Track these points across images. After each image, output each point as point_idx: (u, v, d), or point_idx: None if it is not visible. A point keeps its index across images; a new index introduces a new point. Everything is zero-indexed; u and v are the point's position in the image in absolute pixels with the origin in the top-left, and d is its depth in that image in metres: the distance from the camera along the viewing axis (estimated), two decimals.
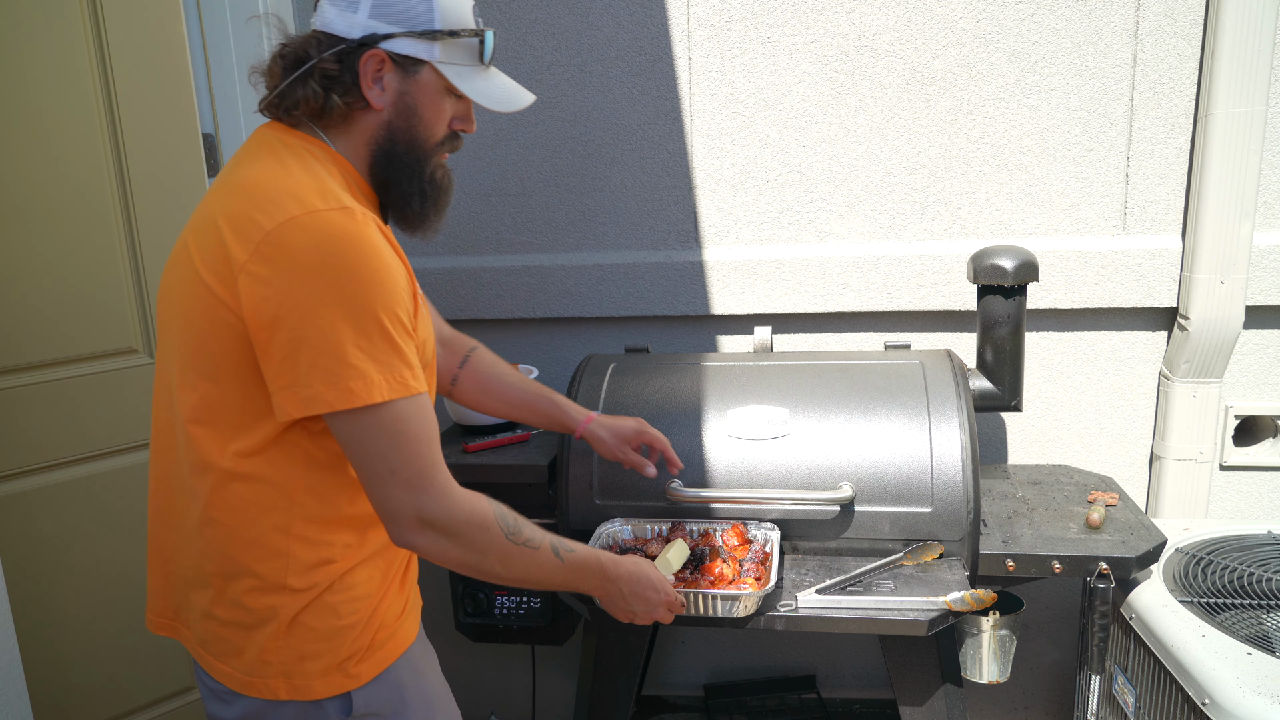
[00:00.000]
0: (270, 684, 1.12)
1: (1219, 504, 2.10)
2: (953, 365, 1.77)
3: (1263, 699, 1.30)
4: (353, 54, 1.11)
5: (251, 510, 1.10)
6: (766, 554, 1.58)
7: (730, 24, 2.07)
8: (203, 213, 1.10)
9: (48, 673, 1.89)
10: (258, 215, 1.02)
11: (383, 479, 1.05)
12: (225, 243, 1.03)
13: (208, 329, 1.05)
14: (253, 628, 1.12)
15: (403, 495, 1.06)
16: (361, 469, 1.06)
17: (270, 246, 1.00)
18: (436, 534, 1.08)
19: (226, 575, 1.12)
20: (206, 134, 2.07)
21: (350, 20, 1.12)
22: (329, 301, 1.00)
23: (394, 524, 1.08)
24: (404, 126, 1.16)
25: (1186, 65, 1.94)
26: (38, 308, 1.82)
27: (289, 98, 1.12)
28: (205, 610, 1.15)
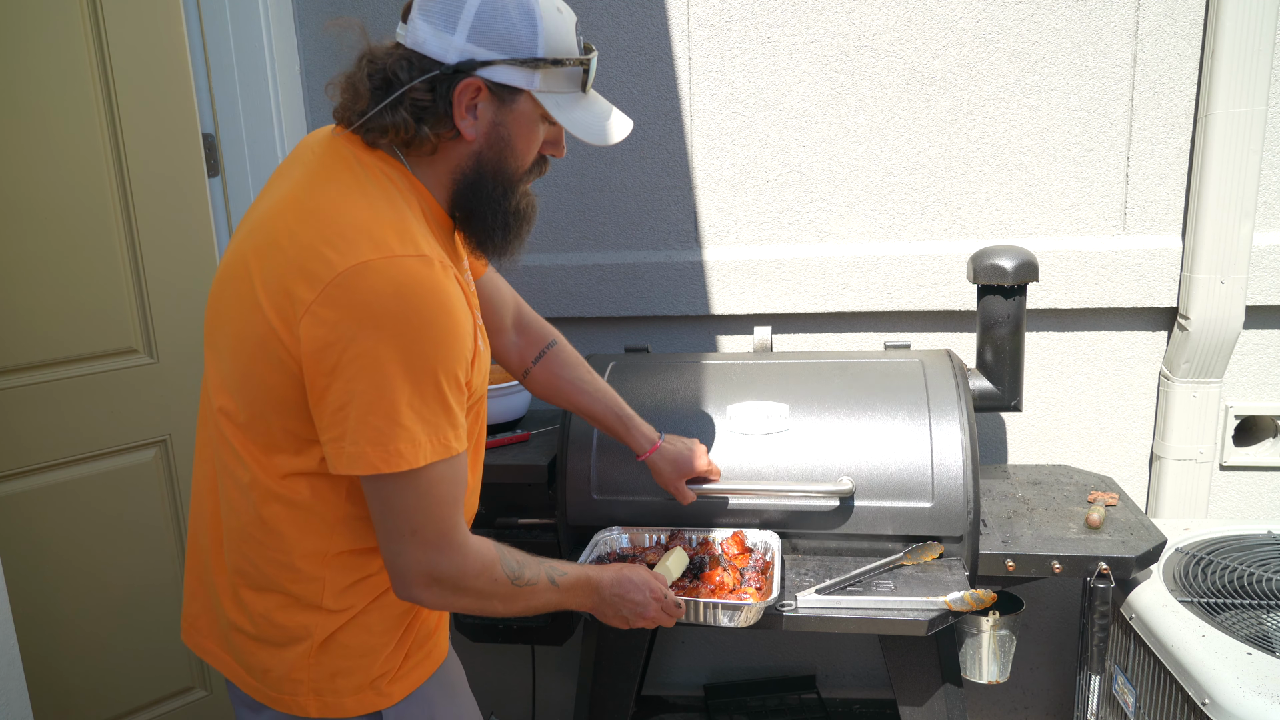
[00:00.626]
0: (300, 701, 1.10)
1: (1219, 504, 2.10)
2: (953, 365, 1.77)
3: (1263, 699, 1.30)
4: (447, 81, 1.03)
5: (290, 533, 1.07)
6: (768, 563, 1.57)
7: (730, 24, 2.07)
8: (268, 228, 1.02)
9: (48, 673, 1.89)
10: (330, 252, 0.95)
11: (402, 536, 1.02)
12: (291, 276, 0.96)
13: (260, 358, 1.00)
14: (283, 645, 1.09)
15: (418, 553, 1.02)
16: (383, 522, 1.02)
17: (339, 290, 0.94)
18: (443, 589, 1.06)
19: (258, 588, 1.09)
20: (206, 134, 2.08)
21: (446, 43, 1.02)
22: (391, 358, 0.94)
23: (401, 579, 1.05)
24: (494, 158, 1.08)
25: (1186, 65, 1.94)
26: (38, 308, 1.82)
27: (375, 124, 1.03)
28: (233, 622, 1.12)
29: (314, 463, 1.04)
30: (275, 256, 0.99)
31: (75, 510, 1.92)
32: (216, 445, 1.10)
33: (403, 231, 0.98)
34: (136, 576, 2.02)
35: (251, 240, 1.04)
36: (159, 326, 1.99)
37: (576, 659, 2.21)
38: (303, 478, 1.05)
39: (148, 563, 2.04)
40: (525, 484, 1.86)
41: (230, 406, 1.06)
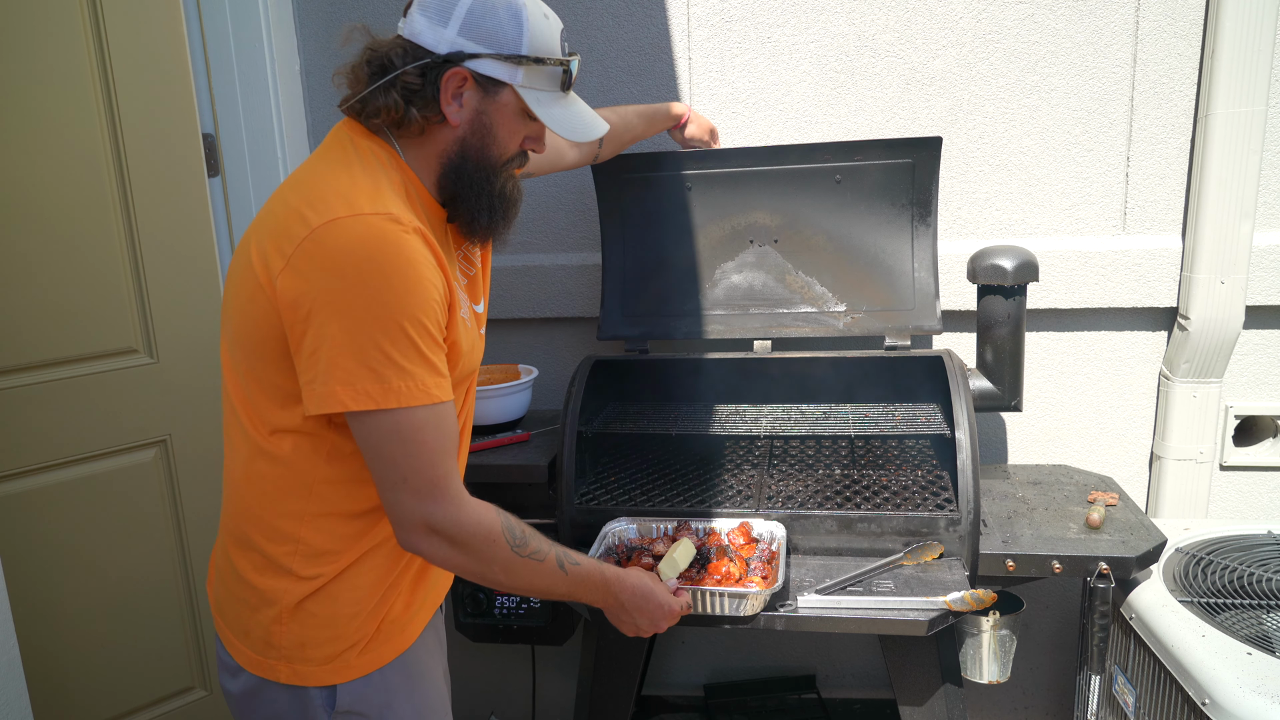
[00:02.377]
0: (273, 665, 1.16)
1: (1219, 504, 2.10)
2: (953, 365, 1.77)
3: (1263, 699, 1.30)
4: (436, 69, 1.12)
5: (270, 491, 1.14)
6: (773, 553, 1.58)
7: (730, 24, 2.07)
8: (269, 205, 1.14)
9: (48, 673, 1.89)
10: (307, 212, 1.05)
11: (395, 484, 1.07)
12: (275, 236, 1.06)
13: (251, 312, 1.09)
14: (257, 608, 1.16)
15: (412, 502, 1.07)
16: (376, 471, 1.08)
17: (312, 244, 1.03)
18: (442, 541, 1.10)
19: (240, 545, 1.18)
20: (206, 134, 2.08)
21: (439, 35, 1.12)
22: (358, 304, 1.01)
23: (401, 528, 1.09)
24: (477, 145, 1.17)
25: (1186, 65, 1.94)
26: (38, 307, 1.82)
27: (370, 105, 1.13)
28: (222, 578, 1.22)
29: (297, 419, 1.10)
30: (266, 222, 1.10)
31: (75, 510, 1.92)
32: (227, 405, 1.19)
33: (375, 197, 1.07)
34: (136, 576, 2.02)
35: (257, 218, 1.16)
36: (159, 326, 1.99)
37: (576, 659, 2.21)
38: (287, 435, 1.12)
39: (148, 562, 2.04)
40: (525, 484, 1.86)
41: (230, 362, 1.15)
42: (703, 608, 1.46)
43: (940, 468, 1.88)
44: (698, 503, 1.76)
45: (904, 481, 1.82)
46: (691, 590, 1.44)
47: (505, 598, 1.90)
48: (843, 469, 1.91)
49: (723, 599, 1.45)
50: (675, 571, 1.48)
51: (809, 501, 1.74)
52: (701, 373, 2.02)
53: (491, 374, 2.13)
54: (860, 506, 1.70)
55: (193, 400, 2.06)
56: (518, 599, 1.89)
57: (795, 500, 1.75)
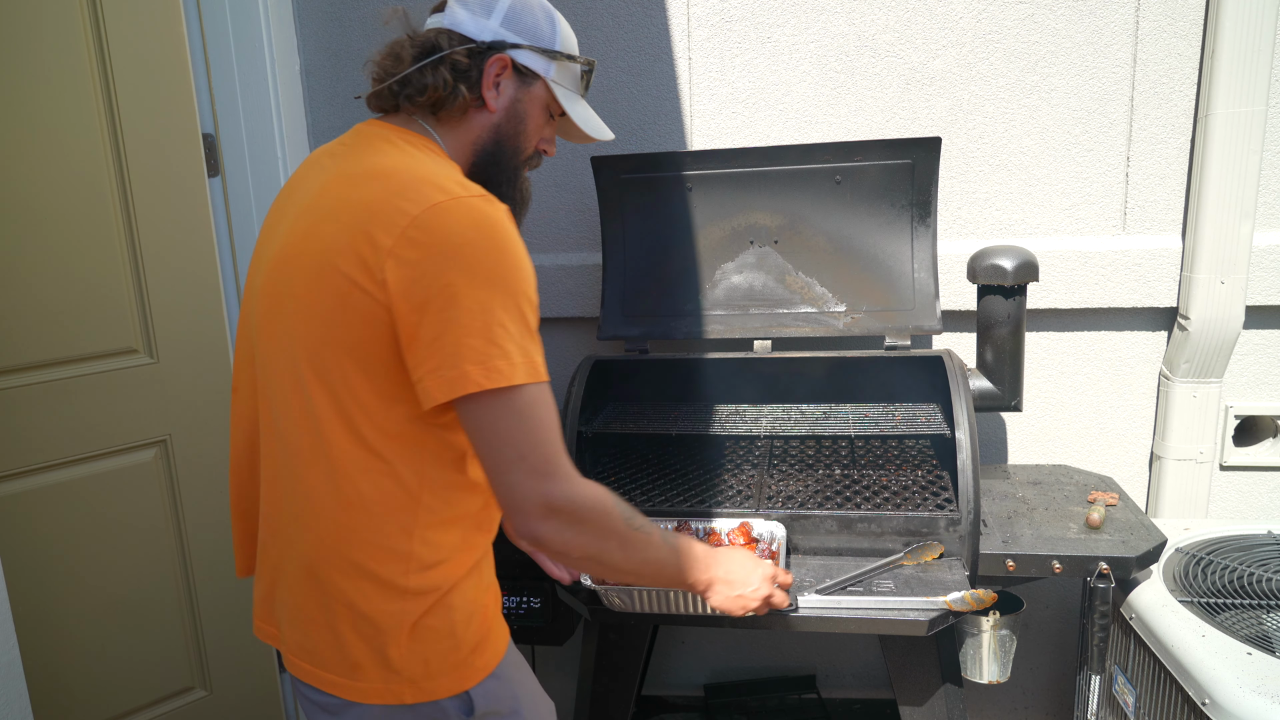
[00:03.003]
0: (397, 690, 1.09)
1: (1219, 504, 2.10)
2: (953, 365, 1.77)
3: (1263, 699, 1.30)
4: (482, 53, 1.17)
5: (376, 509, 1.07)
6: (774, 553, 1.59)
7: (730, 24, 2.07)
8: (319, 209, 1.08)
9: (48, 673, 1.89)
10: (400, 202, 1.02)
11: (512, 465, 1.02)
12: (365, 231, 1.01)
13: (342, 318, 1.03)
14: (372, 638, 1.08)
15: (530, 482, 1.03)
16: (490, 455, 1.03)
17: (418, 230, 1.00)
18: (561, 522, 1.05)
19: (343, 574, 1.08)
20: (206, 134, 2.07)
21: (482, 25, 1.18)
22: (478, 283, 0.99)
23: (519, 513, 1.04)
24: (510, 132, 1.21)
25: (1186, 65, 1.94)
26: (38, 307, 1.82)
27: (414, 83, 1.15)
28: (312, 617, 1.11)
29: (403, 422, 1.05)
30: (339, 220, 1.04)
31: (75, 510, 1.92)
32: (299, 443, 1.08)
33: (460, 180, 1.07)
34: (137, 577, 2.02)
35: (300, 226, 1.09)
36: (159, 326, 1.99)
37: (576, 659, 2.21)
38: (392, 442, 1.06)
39: (148, 563, 2.04)
40: None
41: (314, 378, 1.06)
42: (700, 608, 1.46)
43: (940, 468, 1.88)
44: (698, 503, 1.76)
45: (904, 481, 1.82)
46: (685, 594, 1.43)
47: (506, 597, 1.89)
48: (843, 469, 1.91)
49: None
50: None
51: (809, 501, 1.74)
52: (701, 373, 2.03)
53: None
54: (860, 506, 1.70)
55: (193, 400, 2.06)
56: (518, 598, 1.89)
57: (795, 500, 1.75)
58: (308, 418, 1.07)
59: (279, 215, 1.17)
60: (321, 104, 2.24)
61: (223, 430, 2.12)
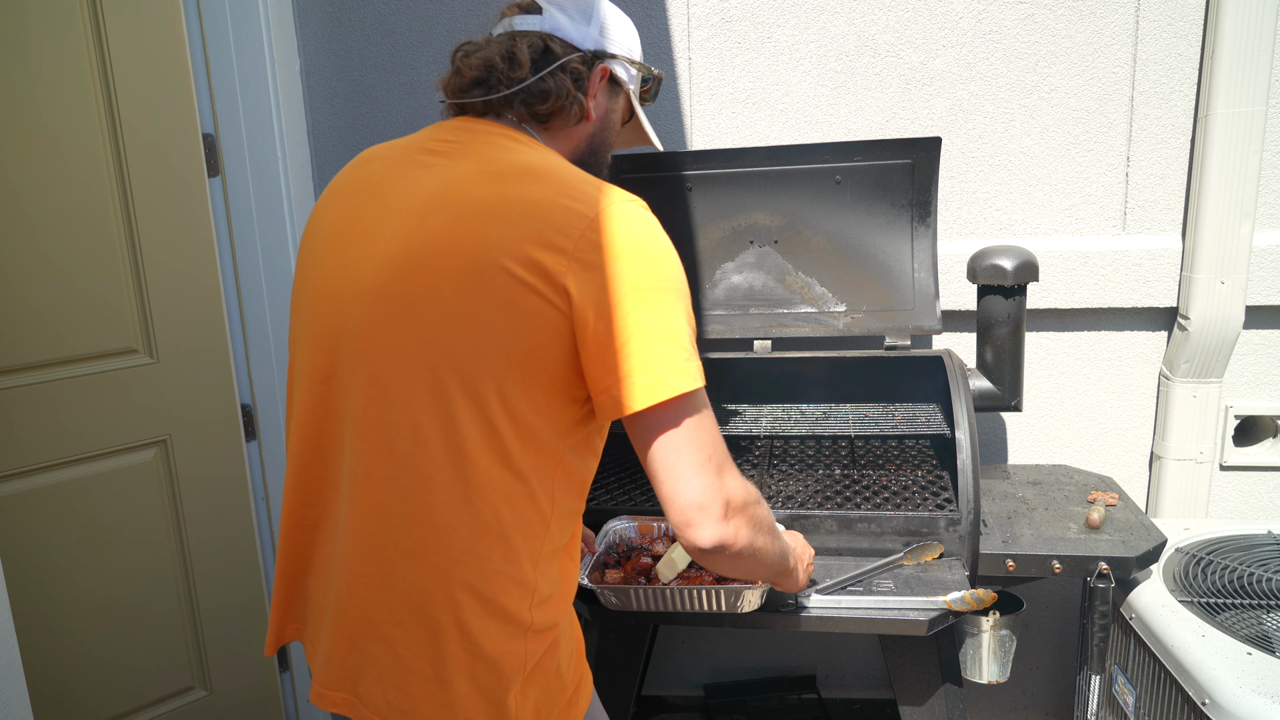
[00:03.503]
0: None
1: (1219, 504, 2.10)
2: (953, 365, 1.77)
3: (1263, 699, 1.30)
4: (590, 61, 1.14)
5: (513, 535, 0.99)
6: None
7: (730, 24, 2.07)
8: (463, 199, 0.99)
9: (48, 673, 1.89)
10: (571, 203, 0.97)
11: (701, 467, 0.98)
12: (539, 231, 0.95)
13: (508, 323, 0.95)
14: (490, 687, 0.99)
15: (717, 481, 0.98)
16: (678, 461, 0.97)
17: (597, 234, 0.96)
18: (742, 518, 1.02)
19: (471, 612, 0.98)
20: (206, 134, 2.07)
21: (584, 32, 1.15)
22: (658, 288, 0.97)
23: (707, 516, 0.98)
24: (602, 142, 1.20)
25: (1186, 65, 1.94)
26: (38, 308, 1.82)
27: (540, 88, 1.10)
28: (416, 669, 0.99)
29: (548, 440, 1.00)
30: (507, 215, 0.96)
31: (75, 510, 1.92)
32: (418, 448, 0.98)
33: (610, 186, 1.03)
34: (137, 577, 2.02)
35: (436, 222, 0.99)
36: (159, 326, 1.99)
37: None
38: (533, 460, 0.99)
39: (148, 563, 2.04)
40: None
41: (456, 391, 0.96)
42: (699, 605, 1.45)
43: (940, 468, 1.88)
44: None
45: (904, 481, 1.82)
46: (687, 589, 1.42)
47: None
48: (843, 469, 1.91)
49: (719, 596, 1.42)
50: (674, 572, 1.47)
51: (809, 501, 1.74)
52: None
53: None
54: (860, 506, 1.70)
55: (193, 400, 2.06)
56: None
57: (795, 500, 1.75)
58: (446, 433, 0.96)
59: (366, 214, 1.05)
60: (321, 104, 2.24)
61: (222, 430, 2.12)
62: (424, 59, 2.17)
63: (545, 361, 0.96)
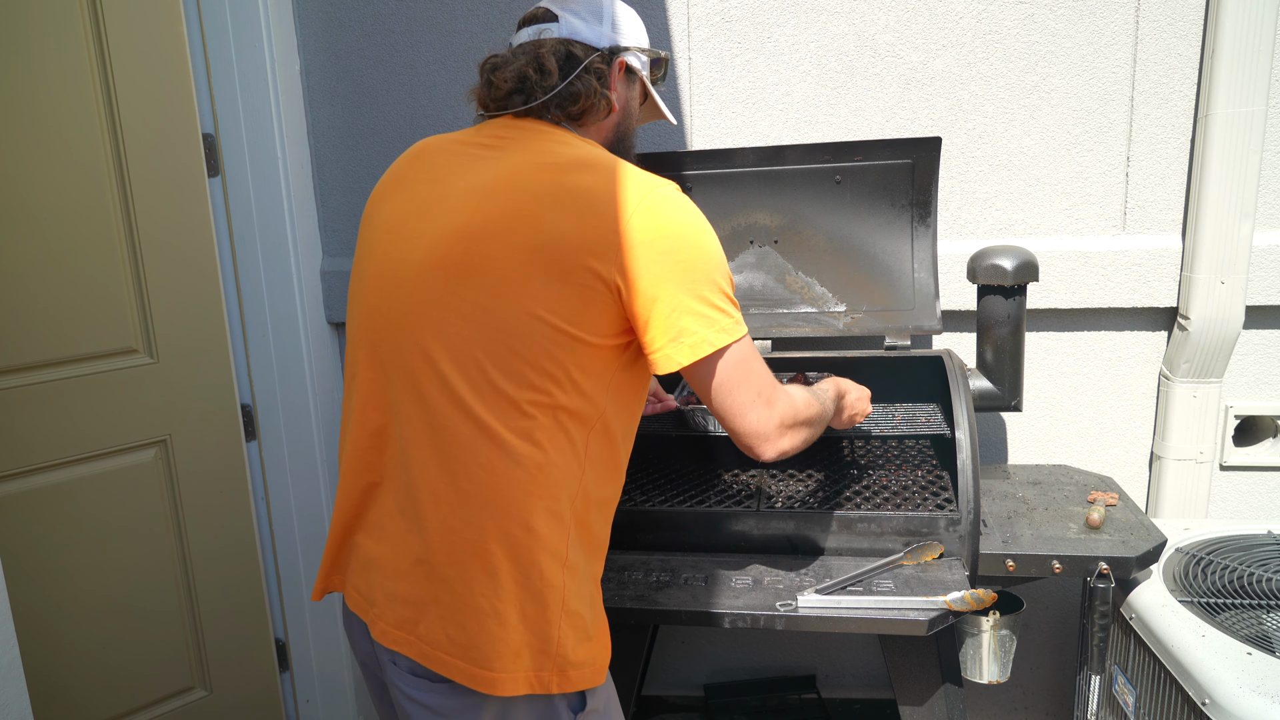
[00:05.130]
0: (544, 677, 1.11)
1: (1219, 504, 2.10)
2: (953, 365, 1.77)
3: (1263, 699, 1.30)
4: (607, 58, 1.26)
5: (557, 472, 1.11)
6: None
7: (730, 24, 2.07)
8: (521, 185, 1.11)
9: (48, 673, 1.89)
10: (619, 191, 1.10)
11: (755, 402, 1.16)
12: (596, 216, 1.08)
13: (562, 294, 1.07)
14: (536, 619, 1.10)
15: (769, 411, 1.17)
16: (733, 401, 1.15)
17: (642, 216, 1.08)
18: (795, 430, 1.22)
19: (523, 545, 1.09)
20: (206, 134, 2.08)
21: (598, 32, 1.25)
22: (702, 259, 1.11)
23: (766, 441, 1.18)
24: (625, 129, 1.32)
25: (1186, 65, 1.94)
26: (38, 307, 1.82)
27: (568, 91, 1.21)
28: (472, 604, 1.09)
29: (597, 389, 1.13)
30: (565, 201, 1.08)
31: (75, 510, 1.92)
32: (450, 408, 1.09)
33: (646, 174, 1.15)
34: (137, 577, 2.02)
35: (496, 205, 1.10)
36: (159, 326, 1.99)
37: None
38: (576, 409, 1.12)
39: (148, 563, 2.04)
40: None
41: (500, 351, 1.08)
42: None
43: (940, 468, 1.88)
44: (697, 503, 1.76)
45: (904, 481, 1.82)
46: None
47: None
48: (843, 469, 1.91)
49: None
50: None
51: (809, 501, 1.74)
52: None
53: None
54: (860, 506, 1.70)
55: (193, 400, 2.06)
56: None
57: (795, 500, 1.75)
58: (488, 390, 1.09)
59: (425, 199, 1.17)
60: (321, 104, 2.24)
61: (222, 430, 2.12)
62: (424, 59, 2.17)
63: (591, 325, 1.09)
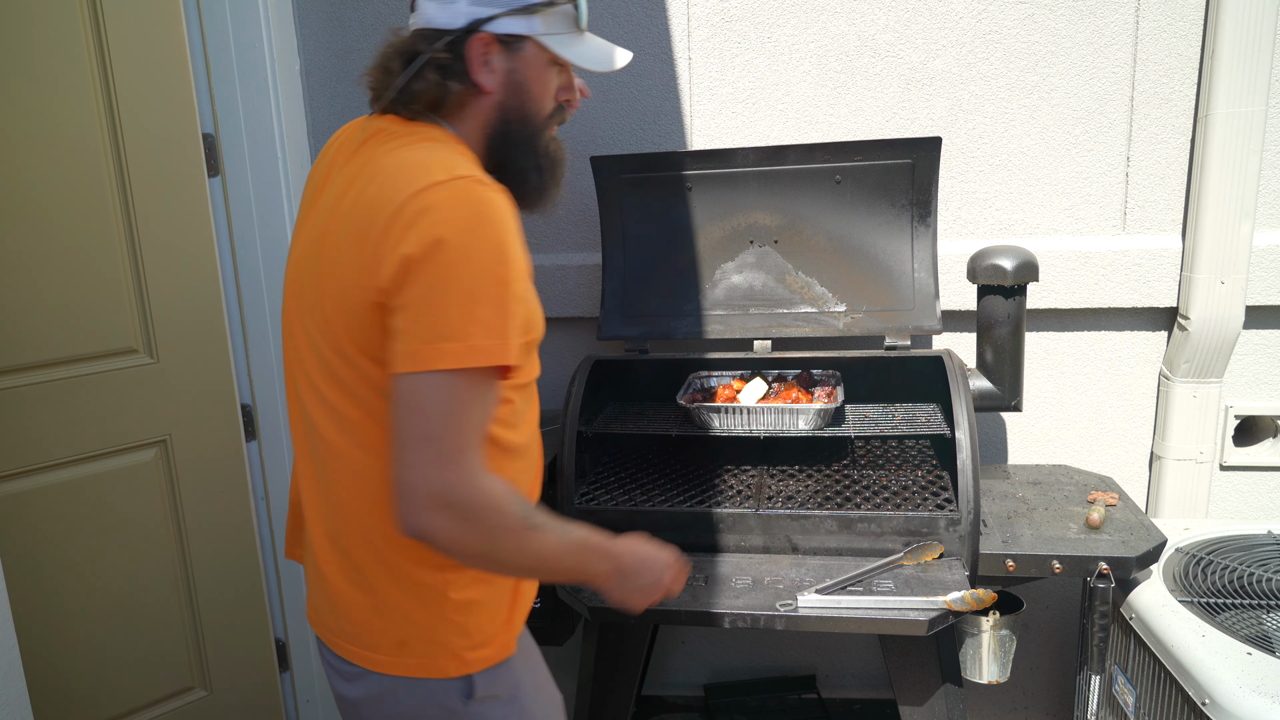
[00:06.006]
0: (440, 663, 1.13)
1: (1219, 504, 2.10)
2: (953, 365, 1.77)
3: (1263, 699, 1.30)
4: (460, 41, 1.13)
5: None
6: (832, 389, 1.85)
7: (730, 24, 2.07)
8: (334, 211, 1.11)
9: (48, 673, 1.89)
10: (399, 183, 1.03)
11: (418, 444, 0.99)
12: (366, 217, 1.04)
13: (346, 317, 1.07)
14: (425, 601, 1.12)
15: (431, 469, 0.99)
16: (400, 431, 1.00)
17: (410, 207, 1.01)
18: (453, 516, 1.00)
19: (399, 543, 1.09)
20: (206, 134, 2.07)
21: (452, 10, 1.14)
22: (455, 266, 1.00)
23: (408, 502, 1.00)
24: (515, 104, 1.18)
25: (1186, 65, 1.94)
26: (38, 307, 1.82)
27: (408, 91, 1.15)
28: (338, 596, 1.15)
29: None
30: (353, 213, 1.07)
31: (75, 510, 1.92)
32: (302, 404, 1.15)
33: (458, 164, 1.06)
34: (137, 576, 2.02)
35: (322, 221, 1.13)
36: (159, 326, 1.99)
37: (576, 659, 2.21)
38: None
39: (148, 563, 2.04)
40: None
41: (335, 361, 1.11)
42: (762, 424, 1.74)
43: (940, 468, 1.88)
44: (697, 503, 1.76)
45: (904, 481, 1.82)
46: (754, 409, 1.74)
47: None
48: (843, 469, 1.91)
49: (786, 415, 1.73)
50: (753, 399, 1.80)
51: (809, 501, 1.74)
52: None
53: None
54: (860, 506, 1.70)
55: (193, 400, 2.06)
56: None
57: (795, 500, 1.75)
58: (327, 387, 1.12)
59: (302, 217, 1.22)
60: (321, 104, 2.24)
61: (222, 429, 2.12)
62: None
63: (375, 328, 1.05)
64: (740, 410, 1.78)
